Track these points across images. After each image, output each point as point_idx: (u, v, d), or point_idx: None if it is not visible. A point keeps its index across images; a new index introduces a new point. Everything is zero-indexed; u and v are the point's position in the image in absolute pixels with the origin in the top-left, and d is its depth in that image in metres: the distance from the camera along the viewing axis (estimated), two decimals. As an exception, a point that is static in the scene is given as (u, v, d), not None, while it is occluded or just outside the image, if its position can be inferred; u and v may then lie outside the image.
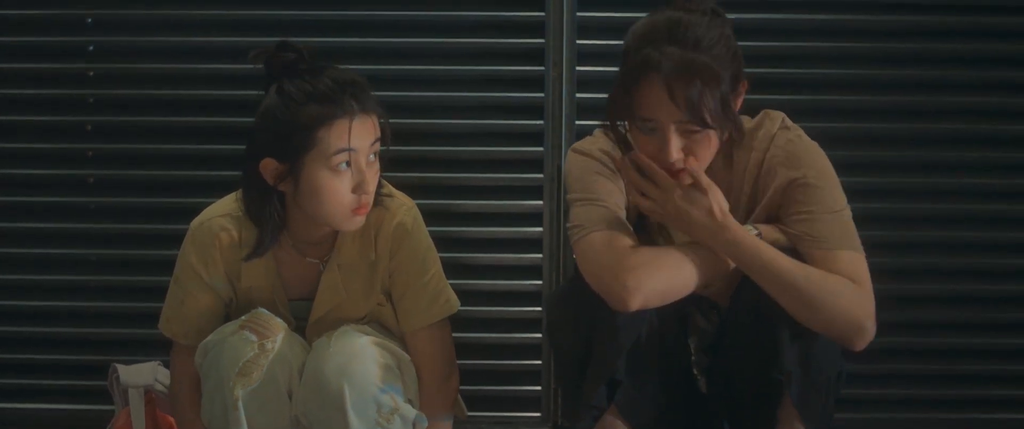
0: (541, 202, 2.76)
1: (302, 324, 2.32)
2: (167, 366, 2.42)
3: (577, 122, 2.73)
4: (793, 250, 2.10)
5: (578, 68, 2.73)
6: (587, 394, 2.09)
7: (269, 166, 2.16)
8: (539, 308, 2.78)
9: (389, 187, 2.31)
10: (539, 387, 2.80)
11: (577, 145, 2.25)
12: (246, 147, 2.20)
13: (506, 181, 2.79)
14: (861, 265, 2.08)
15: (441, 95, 2.77)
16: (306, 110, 2.11)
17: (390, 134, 2.22)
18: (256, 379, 2.14)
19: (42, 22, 2.79)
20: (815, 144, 2.18)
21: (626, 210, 2.17)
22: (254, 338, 2.16)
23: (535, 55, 2.74)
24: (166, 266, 2.33)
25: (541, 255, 2.77)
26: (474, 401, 2.52)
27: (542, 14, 2.71)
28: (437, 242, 2.33)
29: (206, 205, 2.30)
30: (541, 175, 2.75)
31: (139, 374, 2.42)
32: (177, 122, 2.78)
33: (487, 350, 2.79)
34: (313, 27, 2.74)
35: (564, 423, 2.75)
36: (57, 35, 2.79)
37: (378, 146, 2.19)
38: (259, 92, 2.32)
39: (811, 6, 2.75)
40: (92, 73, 2.80)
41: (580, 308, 2.10)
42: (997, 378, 2.81)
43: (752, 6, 2.73)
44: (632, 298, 2.02)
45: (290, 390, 2.19)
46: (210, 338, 2.21)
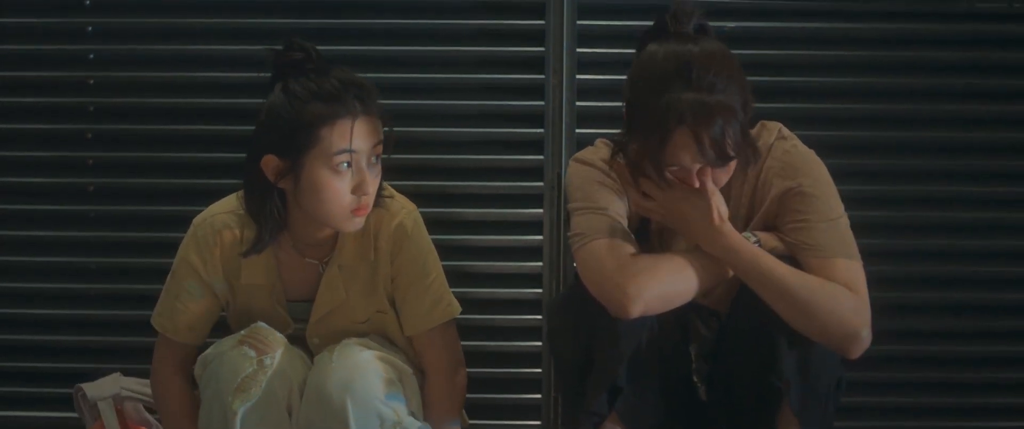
0: (541, 210, 2.76)
1: (301, 326, 2.32)
2: (127, 375, 2.46)
3: (577, 130, 2.73)
4: (791, 258, 2.11)
5: (578, 76, 2.73)
6: (588, 401, 2.09)
7: (271, 163, 2.17)
8: (539, 316, 2.78)
9: (390, 189, 2.31)
10: (539, 395, 2.80)
11: (578, 155, 2.26)
12: (250, 143, 2.20)
13: (506, 189, 2.79)
14: (858, 273, 2.09)
15: (441, 103, 2.78)
16: (310, 108, 2.12)
17: (392, 134, 2.22)
18: (254, 395, 2.14)
19: (43, 30, 2.80)
20: (812, 153, 2.19)
21: (627, 218, 2.18)
22: (253, 354, 2.16)
23: (535, 63, 2.74)
24: (166, 274, 2.33)
25: (541, 263, 2.77)
26: (474, 409, 2.51)
27: (542, 22, 2.72)
28: (437, 250, 2.33)
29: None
30: (541, 183, 2.76)
31: (104, 387, 2.44)
32: (177, 130, 2.79)
33: (487, 358, 2.78)
34: (314, 35, 2.71)
35: (564, 430, 2.75)
36: (58, 43, 2.80)
37: (380, 149, 2.19)
38: (260, 100, 2.33)
39: (807, 15, 2.76)
40: (92, 81, 2.80)
41: (581, 315, 2.11)
42: (996, 386, 2.81)
43: (748, 14, 2.74)
44: (633, 305, 2.03)
45: (289, 406, 2.19)
46: (209, 352, 2.21)
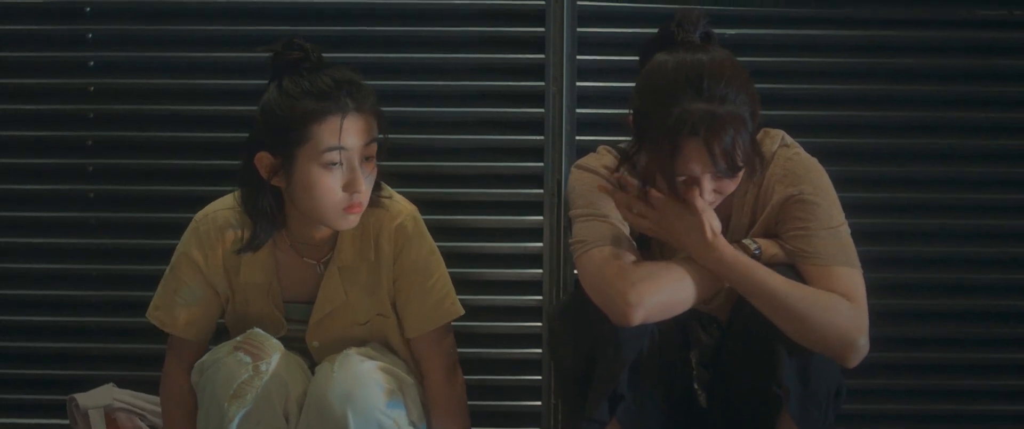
0: (541, 217, 2.76)
1: (298, 328, 2.32)
2: (120, 386, 2.48)
3: (577, 137, 2.73)
4: (792, 265, 2.11)
5: (578, 83, 2.73)
6: (589, 408, 2.09)
7: (264, 160, 2.17)
8: (539, 323, 2.78)
9: (389, 190, 2.31)
10: (539, 402, 2.80)
11: (580, 162, 2.26)
12: (246, 141, 2.21)
13: (506, 196, 2.79)
14: (856, 281, 2.08)
15: (442, 110, 2.77)
16: (301, 105, 2.12)
17: (387, 135, 2.22)
18: (250, 400, 2.14)
19: (43, 37, 2.80)
20: (814, 161, 2.19)
21: (628, 226, 2.18)
22: (248, 360, 2.16)
23: (535, 70, 2.74)
24: (168, 281, 2.34)
25: (541, 270, 2.77)
26: (474, 416, 2.50)
27: (542, 29, 2.72)
28: (438, 256, 2.34)
29: (208, 221, 2.30)
30: (541, 190, 2.75)
31: (96, 397, 2.46)
32: (178, 137, 2.78)
33: (487, 365, 2.78)
34: (314, 42, 2.73)
35: (565, 437, 2.75)
36: (58, 50, 2.79)
37: (374, 148, 2.19)
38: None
39: (807, 22, 2.76)
40: (93, 88, 2.80)
41: (582, 322, 2.10)
42: (997, 393, 2.81)
43: (749, 22, 2.74)
44: (634, 313, 2.03)
45: (286, 411, 2.19)
46: (205, 358, 2.21)
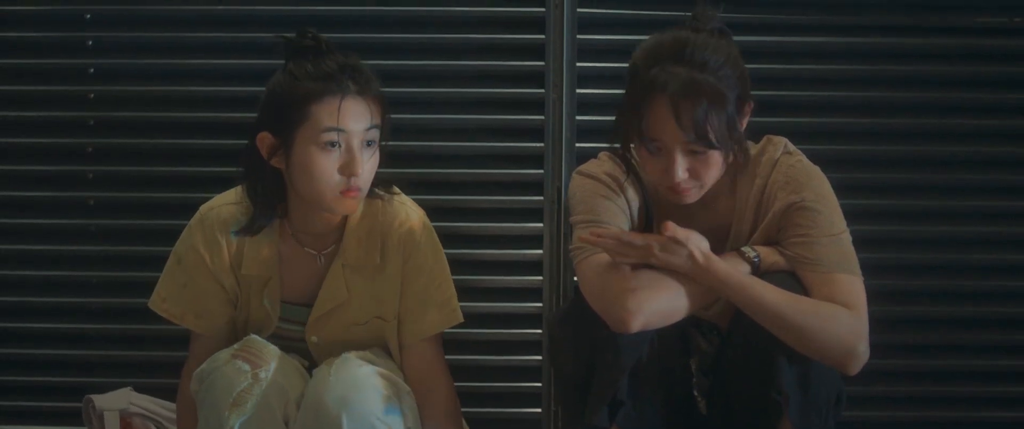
0: (541, 224, 2.76)
1: (294, 328, 2.31)
2: (139, 391, 2.47)
3: (577, 144, 2.73)
4: (792, 272, 2.10)
5: (578, 90, 2.73)
6: (589, 415, 2.09)
7: (265, 140, 2.18)
8: (539, 330, 2.78)
9: (401, 195, 2.31)
10: (539, 409, 2.79)
11: (581, 168, 2.26)
12: (252, 124, 2.23)
13: (506, 203, 2.79)
14: (856, 288, 2.08)
15: (442, 117, 2.78)
16: (302, 85, 2.14)
17: (390, 123, 2.23)
18: (250, 408, 2.14)
19: (43, 44, 2.80)
20: (817, 169, 2.18)
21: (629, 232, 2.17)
22: (247, 367, 2.16)
23: (535, 78, 2.74)
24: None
25: (541, 277, 2.77)
26: (474, 423, 2.50)
27: (542, 37, 2.72)
28: (438, 264, 2.34)
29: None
30: (541, 197, 2.76)
31: (113, 399, 2.45)
32: (179, 144, 2.78)
33: (487, 372, 2.78)
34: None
35: (565, 444, 2.74)
36: (58, 57, 2.80)
37: (375, 133, 2.19)
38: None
39: (808, 29, 2.76)
40: (93, 95, 2.80)
41: (582, 329, 2.10)
42: (998, 400, 2.81)
43: (750, 29, 2.74)
44: (633, 320, 2.03)
45: (286, 417, 2.18)
46: (204, 367, 2.20)
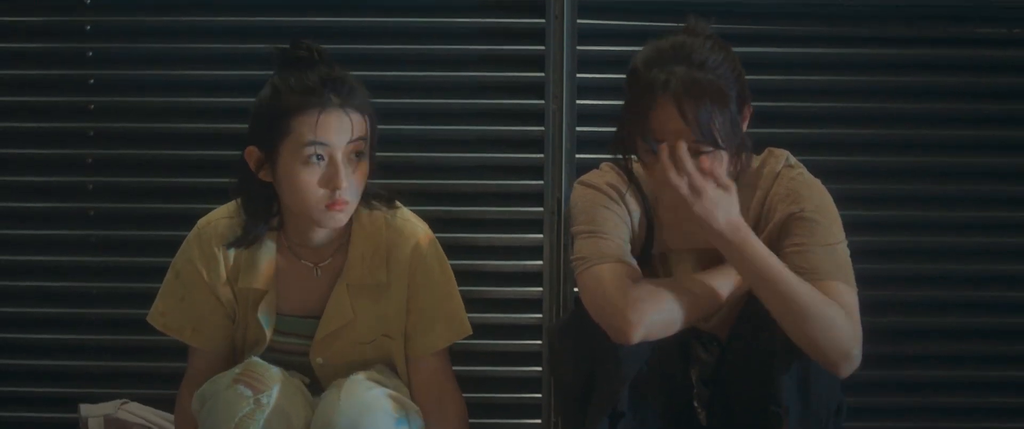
0: (541, 235, 2.76)
1: (301, 342, 2.31)
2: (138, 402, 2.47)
3: (577, 155, 2.73)
4: None
5: (578, 102, 2.73)
6: (590, 426, 2.08)
7: (252, 154, 2.18)
8: (539, 341, 2.78)
9: (404, 210, 2.30)
10: (539, 420, 2.79)
11: (583, 178, 2.25)
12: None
13: (506, 214, 2.79)
14: (851, 298, 2.06)
15: (442, 128, 2.78)
16: (284, 99, 2.12)
17: (377, 136, 2.20)
18: None
19: (43, 55, 2.80)
20: (817, 181, 2.18)
21: (630, 243, 2.18)
22: (249, 393, 2.14)
23: (535, 89, 2.74)
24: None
25: (541, 288, 2.76)
26: (475, 435, 2.51)
27: (542, 48, 2.72)
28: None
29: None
30: (541, 208, 2.76)
31: (101, 407, 2.46)
32: (179, 155, 2.78)
33: (487, 383, 2.78)
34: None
35: (565, 455, 2.74)
36: (58, 68, 2.80)
37: (362, 145, 2.16)
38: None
39: (807, 40, 2.77)
40: (93, 106, 2.80)
41: (582, 340, 2.10)
42: (997, 411, 2.81)
43: (748, 40, 2.74)
44: (634, 331, 2.02)
45: None
46: (205, 389, 2.19)
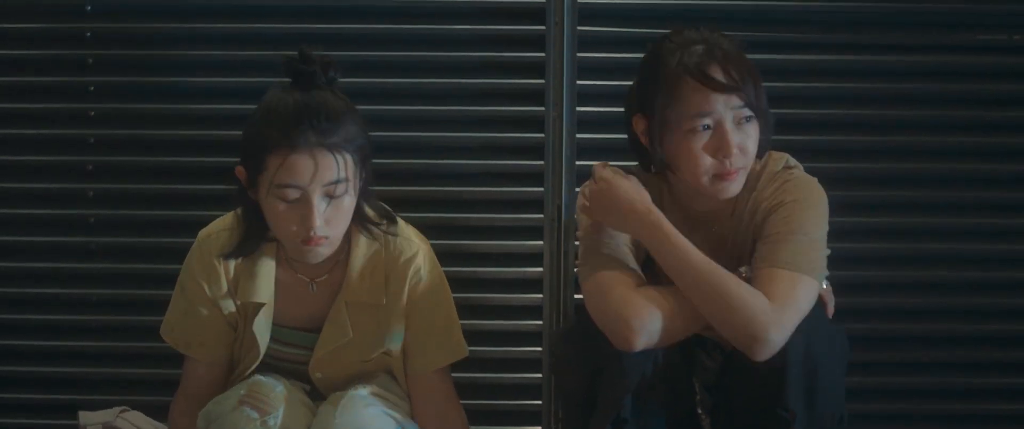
0: (541, 242, 2.76)
1: (300, 352, 2.30)
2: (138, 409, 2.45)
3: (578, 162, 2.73)
4: None
5: (578, 108, 2.73)
6: (592, 433, 2.09)
7: (240, 173, 2.14)
8: (540, 348, 2.77)
9: (403, 226, 2.28)
10: (539, 427, 2.78)
11: (588, 185, 2.25)
12: None
13: (507, 221, 2.78)
14: (793, 284, 2.04)
15: (442, 135, 2.77)
16: (263, 130, 2.06)
17: (369, 167, 2.16)
18: None
19: (43, 62, 2.80)
20: (813, 180, 2.19)
21: (634, 250, 2.18)
22: (256, 416, 2.13)
23: (535, 95, 2.74)
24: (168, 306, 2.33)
25: (542, 295, 2.76)
26: (475, 442, 2.51)
27: (542, 54, 2.72)
28: (437, 282, 2.33)
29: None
30: (541, 215, 2.75)
31: (100, 415, 2.43)
32: (180, 162, 2.78)
33: (487, 390, 2.77)
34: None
35: (566, 462, 2.73)
36: (58, 74, 2.79)
37: (340, 188, 2.08)
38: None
39: (809, 47, 2.77)
40: (93, 113, 2.80)
41: (586, 347, 2.10)
42: (998, 418, 2.81)
43: (750, 47, 2.73)
44: (636, 337, 2.03)
45: None
46: (210, 409, 2.18)
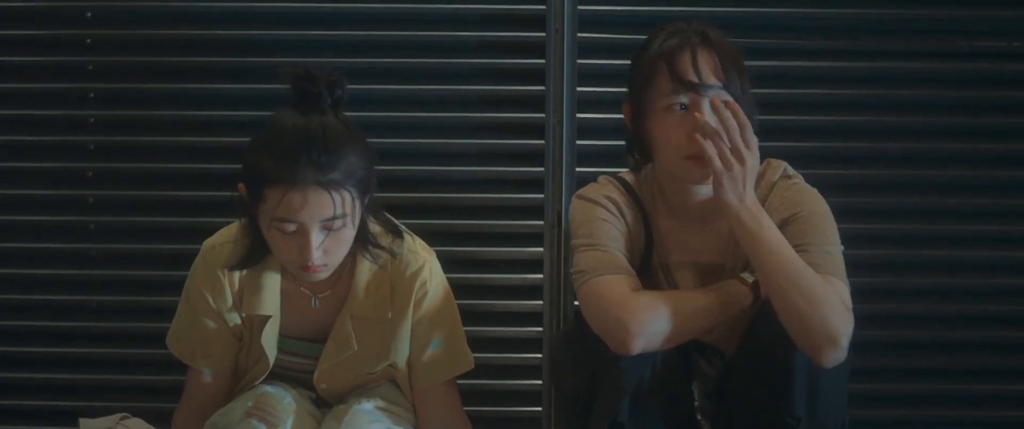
0: (542, 249, 2.76)
1: (304, 362, 2.30)
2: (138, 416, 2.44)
3: (577, 169, 2.73)
4: None
5: (578, 115, 2.73)
6: (590, 437, 2.08)
7: (243, 190, 2.12)
8: (540, 355, 2.77)
9: (409, 238, 2.26)
10: (540, 433, 2.79)
11: (581, 191, 2.26)
12: None
13: (507, 228, 2.79)
14: (847, 294, 2.05)
15: (442, 142, 2.78)
16: (263, 160, 2.02)
17: (371, 195, 2.13)
18: None
19: (43, 69, 2.80)
20: (814, 190, 2.20)
21: (629, 255, 2.18)
22: (263, 428, 2.13)
23: (536, 102, 2.74)
24: (170, 313, 2.32)
25: (542, 302, 2.76)
26: (475, 448, 2.51)
27: (543, 61, 2.72)
28: (439, 288, 2.33)
29: (208, 253, 2.30)
30: (541, 222, 2.76)
31: (102, 423, 2.43)
32: (179, 169, 2.78)
33: (487, 396, 2.77)
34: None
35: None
36: (58, 82, 2.79)
37: (339, 222, 2.05)
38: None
39: (807, 54, 2.77)
40: (93, 120, 2.80)
41: (584, 350, 2.11)
42: (998, 424, 2.81)
43: (748, 54, 2.73)
44: (633, 341, 2.03)
45: None
46: (217, 420, 2.18)
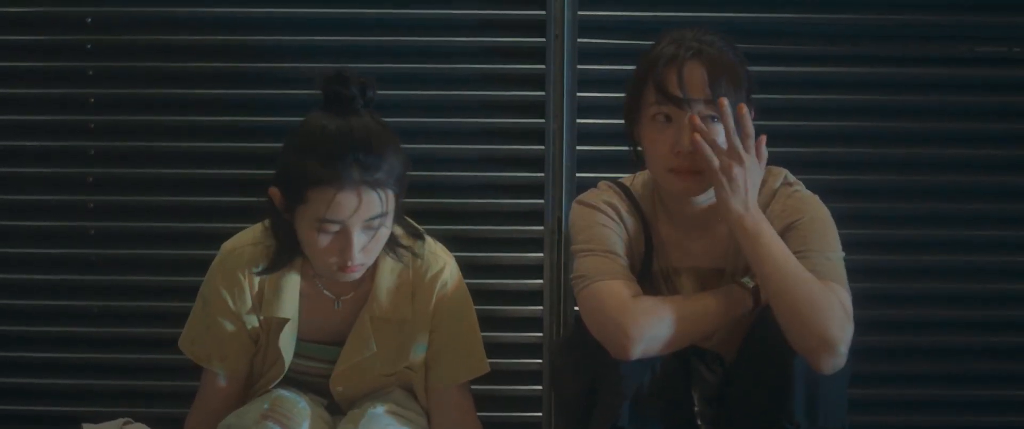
0: (542, 254, 2.76)
1: (321, 366, 2.30)
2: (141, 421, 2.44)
3: (578, 174, 2.73)
4: None
5: (579, 120, 2.74)
6: (590, 442, 2.09)
7: (276, 196, 2.13)
8: (540, 360, 2.78)
9: (430, 241, 2.27)
10: (540, 439, 2.80)
11: (581, 197, 2.27)
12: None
13: (507, 233, 2.79)
14: (848, 300, 2.05)
15: (443, 147, 2.78)
16: (305, 163, 2.03)
17: (404, 192, 2.14)
18: None
19: (44, 74, 2.80)
20: (815, 197, 2.20)
21: (629, 261, 2.19)
22: None
23: (536, 108, 2.74)
24: (171, 318, 2.32)
25: (541, 307, 2.77)
26: (475, 454, 2.51)
27: (543, 67, 2.73)
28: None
29: (210, 259, 2.29)
30: (541, 227, 2.76)
31: (103, 426, 2.41)
32: (180, 174, 2.78)
33: (488, 402, 2.76)
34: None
35: (566, 472, 2.73)
36: (59, 86, 2.80)
37: (382, 220, 2.08)
38: (263, 145, 2.30)
39: (809, 60, 2.77)
40: (93, 125, 2.80)
41: (584, 356, 2.11)
42: (999, 428, 2.82)
43: (751, 59, 2.74)
44: (633, 346, 2.03)
45: None
46: (231, 422, 2.18)
